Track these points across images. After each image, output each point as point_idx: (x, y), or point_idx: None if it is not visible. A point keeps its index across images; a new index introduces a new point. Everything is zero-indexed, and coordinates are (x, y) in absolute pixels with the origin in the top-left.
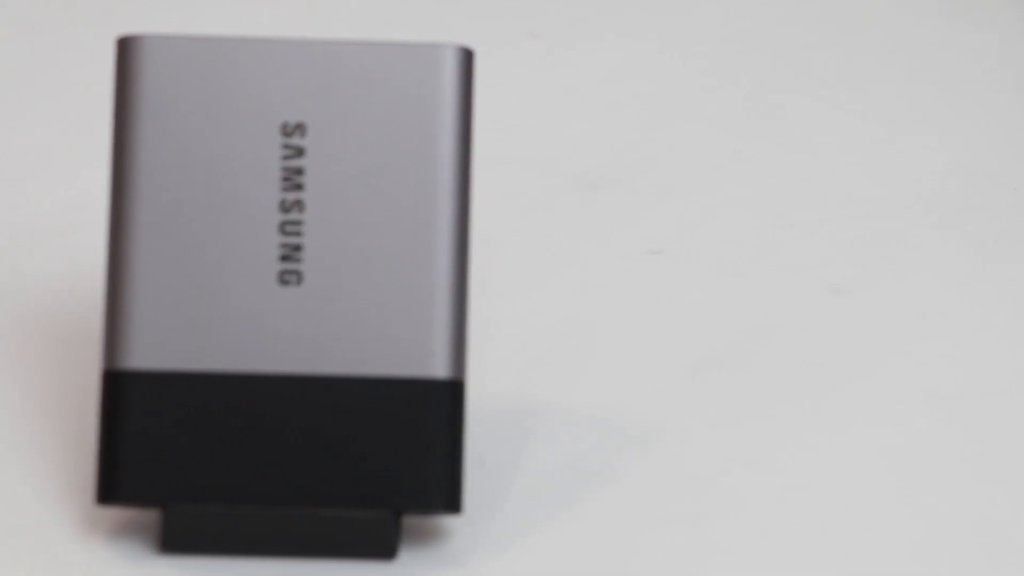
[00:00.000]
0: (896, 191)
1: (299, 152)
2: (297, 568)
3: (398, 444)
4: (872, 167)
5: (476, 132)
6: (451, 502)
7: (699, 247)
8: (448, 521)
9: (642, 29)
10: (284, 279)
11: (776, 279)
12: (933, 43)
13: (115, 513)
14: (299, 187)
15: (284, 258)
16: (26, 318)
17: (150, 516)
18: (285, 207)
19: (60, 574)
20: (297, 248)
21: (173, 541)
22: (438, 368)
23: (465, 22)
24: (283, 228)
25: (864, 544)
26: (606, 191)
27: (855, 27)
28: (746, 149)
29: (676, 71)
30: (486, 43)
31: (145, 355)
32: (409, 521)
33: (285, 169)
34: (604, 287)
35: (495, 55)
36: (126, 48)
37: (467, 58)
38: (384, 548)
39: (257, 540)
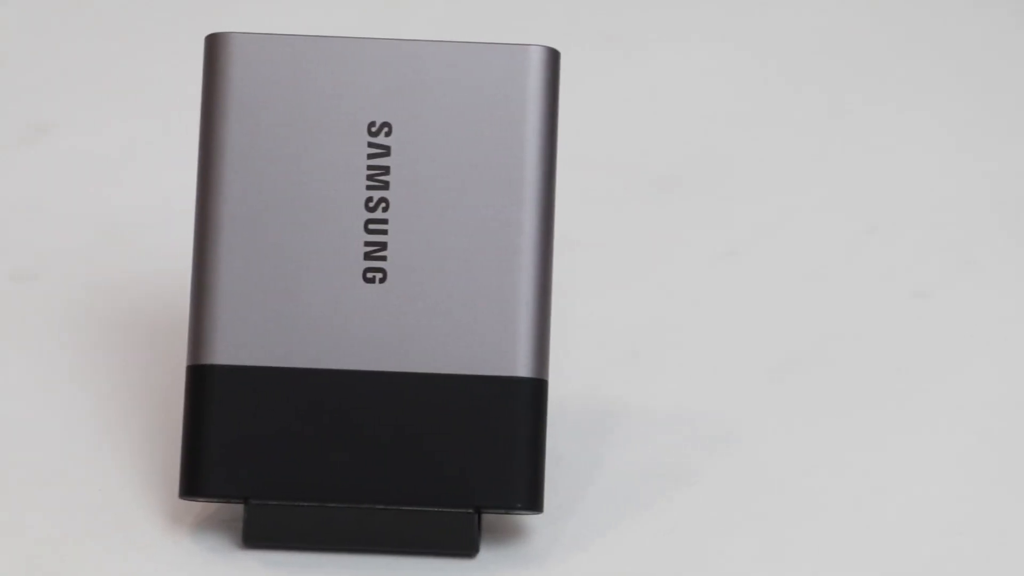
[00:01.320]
0: (978, 196)
1: (384, 151)
2: (379, 564)
3: (480, 442)
4: (954, 171)
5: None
6: (532, 501)
7: (778, 249)
8: (528, 519)
9: (721, 30)
10: (368, 277)
11: (857, 282)
12: (1016, 48)
13: (199, 507)
14: (384, 186)
15: (368, 256)
16: (113, 313)
17: (233, 510)
18: (370, 205)
19: (145, 566)
20: (381, 246)
21: (255, 535)
22: (521, 367)
23: (544, 23)
24: (367, 226)
25: (941, 548)
26: (685, 193)
27: (938, 30)
28: (826, 151)
29: (756, 72)
30: (565, 44)
31: (230, 351)
32: (489, 518)
33: (370, 167)
34: (684, 288)
35: (574, 56)
36: (215, 45)
37: (553, 59)
38: (465, 545)
39: (339, 535)
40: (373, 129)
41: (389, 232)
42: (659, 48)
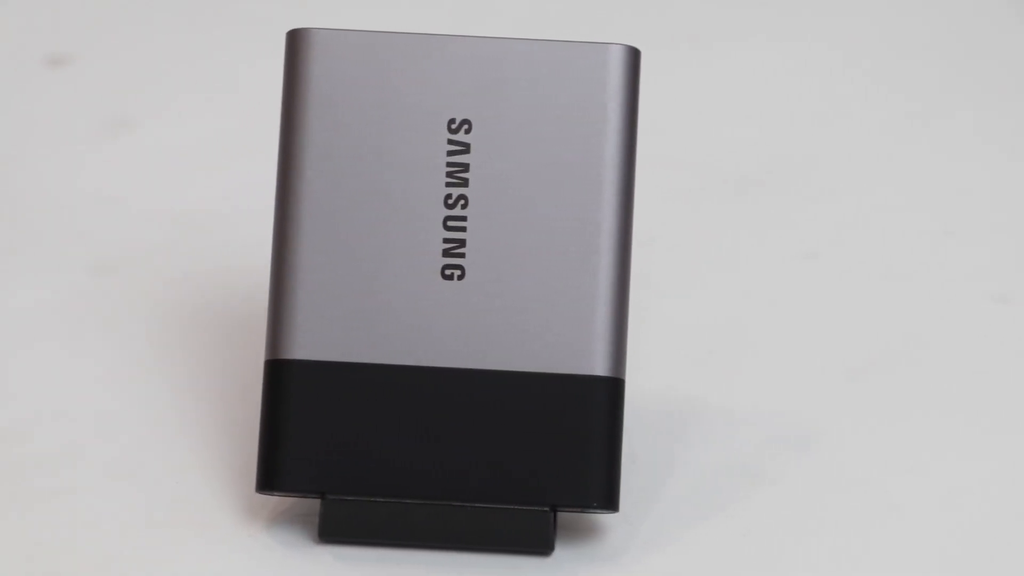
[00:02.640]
0: None
1: (464, 148)
2: (454, 561)
3: (557, 440)
4: None
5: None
6: (608, 499)
7: (857, 250)
8: (603, 518)
9: (802, 31)
10: (446, 274)
11: (936, 285)
12: None
13: (275, 501)
14: (463, 183)
15: (447, 253)
16: (192, 307)
17: (309, 505)
18: (449, 202)
19: (220, 560)
20: (460, 243)
21: (331, 530)
22: (598, 366)
23: (624, 21)
24: (446, 223)
25: (1021, 553)
26: (764, 193)
27: (1017, 34)
28: (906, 152)
29: (836, 73)
30: (645, 42)
31: (309, 346)
32: (564, 516)
33: (450, 165)
34: (762, 288)
35: (654, 54)
36: (296, 41)
37: (634, 57)
38: (541, 543)
39: (414, 531)
40: (453, 126)
41: (468, 229)
42: (740, 47)
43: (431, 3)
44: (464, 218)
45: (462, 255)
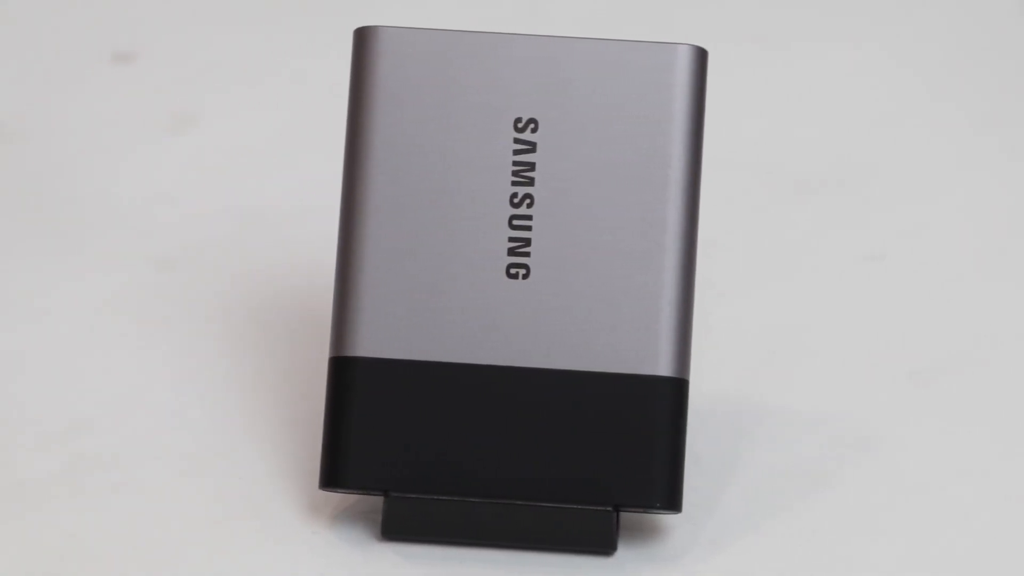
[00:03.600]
0: None
1: (530, 147)
2: (517, 559)
3: (620, 440)
4: None
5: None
6: (671, 500)
7: (921, 254)
8: (665, 518)
9: (868, 33)
10: (511, 273)
11: (1000, 290)
12: None
13: (338, 498)
14: (529, 182)
15: (512, 252)
16: (256, 304)
17: (372, 502)
18: (515, 201)
19: (283, 556)
20: (525, 242)
21: (394, 528)
22: (662, 366)
23: (688, 22)
24: (512, 222)
25: None
26: (828, 195)
27: None
28: (969, 156)
29: (903, 76)
30: (710, 42)
31: (373, 343)
32: (626, 516)
33: (516, 164)
34: (825, 291)
35: (719, 54)
36: (363, 38)
37: (701, 58)
38: (604, 543)
39: (477, 530)
40: (519, 125)
41: (533, 228)
42: (804, 49)
43: (496, 2)
44: (529, 217)
45: (527, 254)
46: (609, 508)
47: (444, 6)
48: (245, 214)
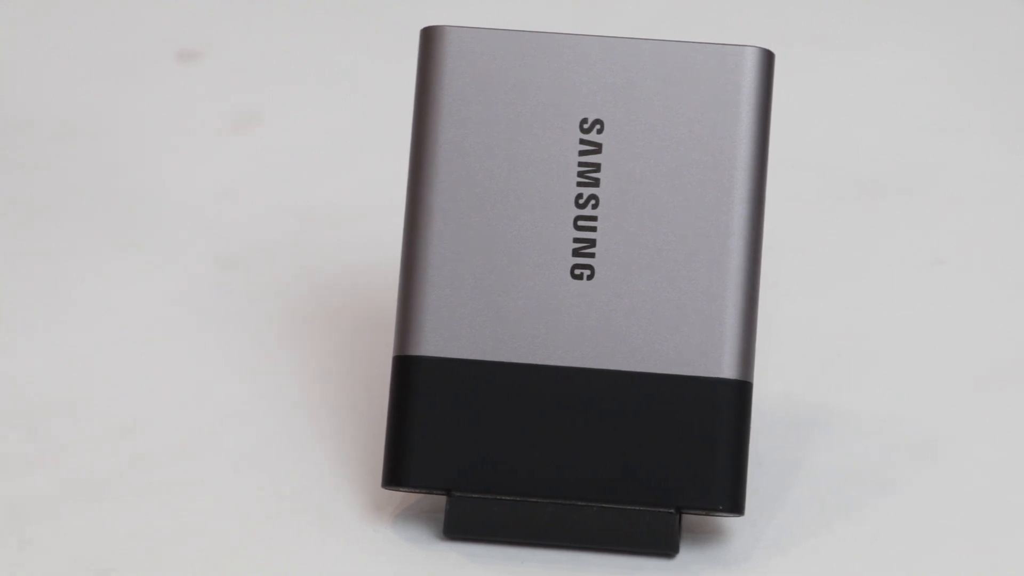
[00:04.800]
0: None
1: (596, 148)
2: (579, 560)
3: (683, 442)
4: None
5: None
6: (734, 503)
7: (985, 258)
8: (728, 521)
9: (934, 35)
10: (576, 273)
11: None
12: None
13: (400, 497)
14: (594, 183)
15: (577, 252)
16: (318, 303)
17: (435, 501)
18: (580, 202)
19: (345, 554)
20: (590, 243)
21: (456, 527)
22: (726, 368)
23: (750, 23)
24: (577, 223)
25: None
26: (891, 198)
27: None
28: None
29: (968, 78)
30: (772, 43)
31: (437, 343)
32: (688, 518)
33: (581, 164)
34: (888, 294)
35: (782, 57)
36: (430, 38)
37: (768, 60)
38: (666, 545)
39: (540, 530)
40: (585, 126)
41: (598, 229)
42: (868, 51)
43: (562, 3)
44: (595, 218)
45: (592, 255)
46: (672, 510)
47: (511, 6)
48: (308, 213)
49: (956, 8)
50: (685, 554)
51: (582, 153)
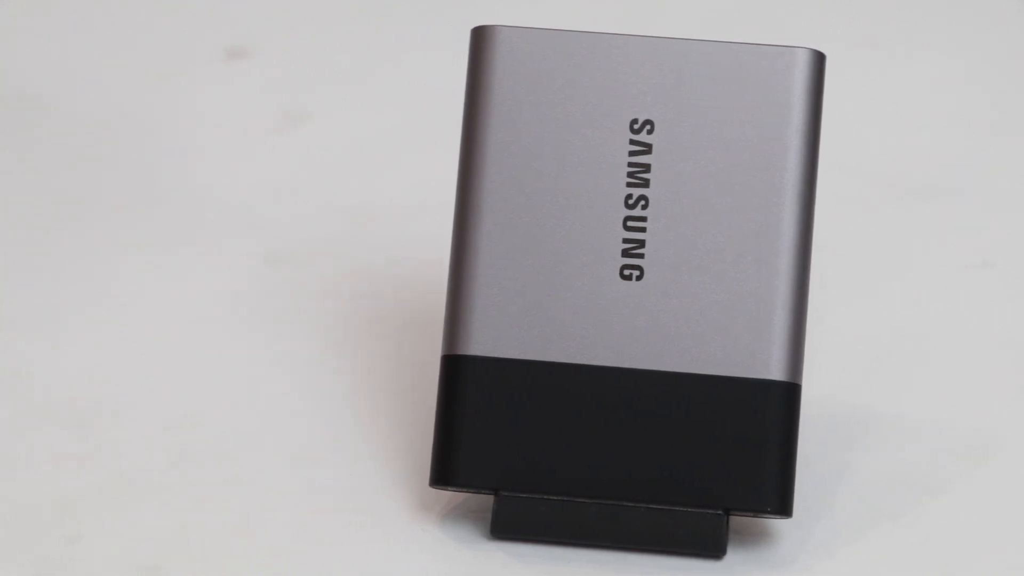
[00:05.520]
0: None
1: (646, 149)
2: (626, 561)
3: (731, 444)
4: None
5: None
6: (782, 505)
7: None
8: (775, 523)
9: (982, 38)
10: (625, 274)
11: None
12: None
13: (447, 496)
14: (644, 183)
15: (626, 253)
16: (366, 300)
17: (482, 501)
18: (629, 203)
19: (391, 553)
20: (639, 244)
21: (504, 527)
22: (775, 370)
23: (800, 25)
24: (626, 223)
25: None
26: (940, 200)
27: None
28: None
29: (1019, 80)
30: (822, 44)
31: (486, 342)
32: (735, 520)
33: (631, 165)
34: (936, 297)
35: (831, 58)
36: (480, 37)
37: (819, 61)
38: (713, 546)
39: (587, 530)
40: (635, 126)
41: (648, 230)
42: (917, 54)
43: (610, 3)
44: (644, 219)
45: (641, 255)
46: (719, 511)
47: (561, 6)
48: (356, 211)
49: (1006, 9)
50: (732, 555)
51: (632, 154)
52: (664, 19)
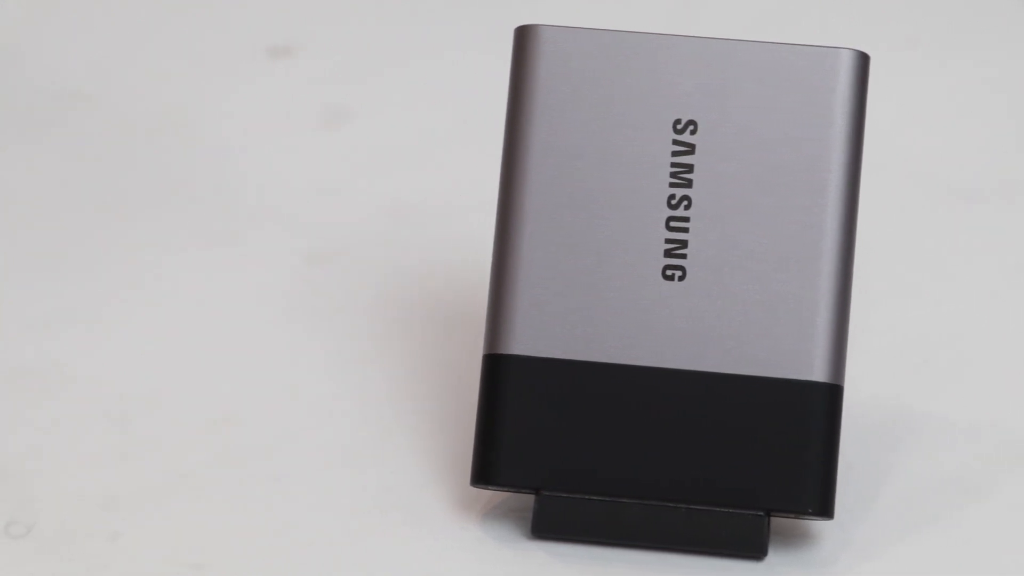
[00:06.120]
0: None
1: (689, 149)
2: (666, 561)
3: (773, 445)
4: None
5: None
6: (824, 506)
7: None
8: (816, 524)
9: None
10: (667, 274)
11: None
12: None
13: (488, 495)
14: (687, 184)
15: (669, 253)
16: (408, 299)
17: (523, 500)
18: (672, 203)
19: (432, 551)
20: (682, 244)
21: (545, 526)
22: (817, 372)
23: (842, 25)
24: (669, 223)
25: None
26: (985, 203)
27: None
28: None
29: None
30: (865, 47)
31: (528, 341)
32: (777, 521)
33: (674, 165)
34: (981, 299)
35: (875, 60)
36: (524, 37)
37: (863, 62)
38: (754, 547)
39: (628, 530)
40: (679, 127)
41: (690, 230)
42: (960, 54)
43: (654, 2)
44: (687, 219)
45: (683, 256)
46: (761, 512)
47: (605, 6)
48: (398, 209)
49: None
50: (773, 557)
51: (675, 154)
52: (705, 19)
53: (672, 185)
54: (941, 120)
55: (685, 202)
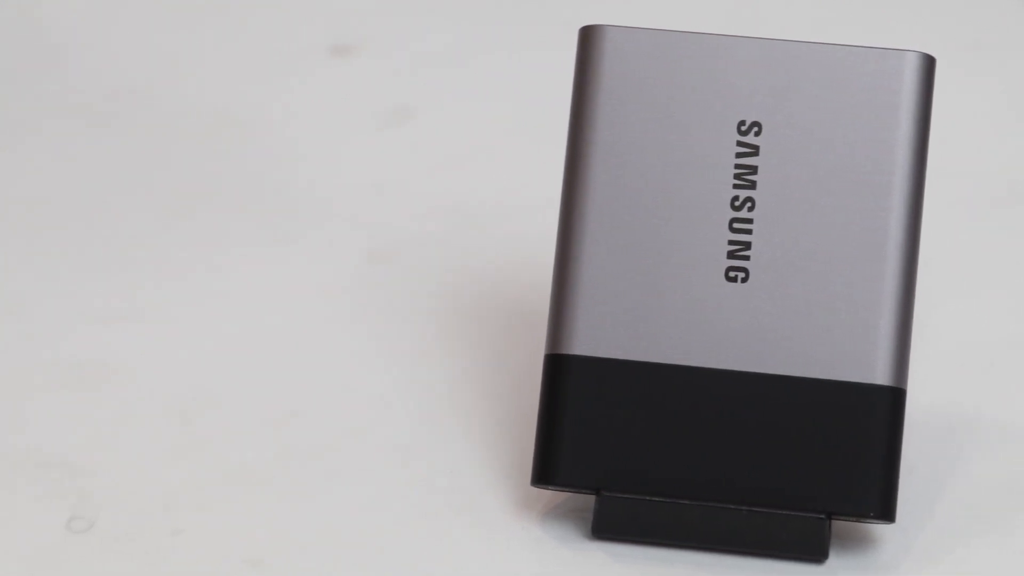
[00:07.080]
0: None
1: (753, 150)
2: (727, 563)
3: (835, 447)
4: None
5: None
6: (885, 510)
7: None
8: (877, 528)
9: None
10: (730, 276)
11: None
12: None
13: (549, 495)
14: (751, 185)
15: (732, 255)
16: (469, 299)
17: (583, 500)
18: (736, 204)
19: (492, 551)
20: (745, 246)
21: (605, 527)
22: (880, 375)
23: (904, 28)
24: (732, 225)
25: None
26: None
27: None
28: None
29: None
30: (928, 49)
31: (590, 342)
32: (838, 524)
33: (738, 167)
34: None
35: (939, 62)
36: (588, 37)
37: (929, 65)
38: (816, 550)
39: (688, 532)
40: (743, 128)
41: (754, 232)
42: (1021, 56)
43: (718, 3)
44: (750, 220)
45: (747, 257)
46: (822, 515)
47: (670, 6)
48: (460, 208)
49: None
50: (834, 560)
51: (739, 155)
52: (771, 21)
53: (736, 187)
54: (1003, 122)
55: (749, 203)
